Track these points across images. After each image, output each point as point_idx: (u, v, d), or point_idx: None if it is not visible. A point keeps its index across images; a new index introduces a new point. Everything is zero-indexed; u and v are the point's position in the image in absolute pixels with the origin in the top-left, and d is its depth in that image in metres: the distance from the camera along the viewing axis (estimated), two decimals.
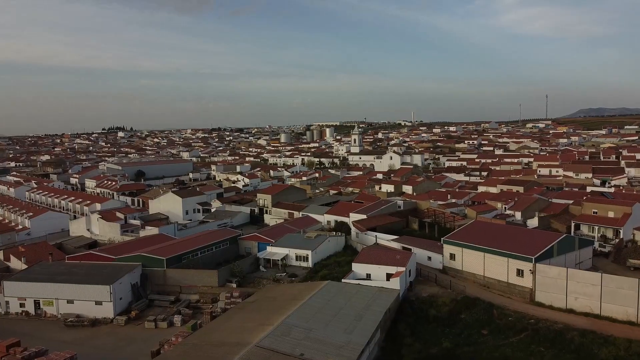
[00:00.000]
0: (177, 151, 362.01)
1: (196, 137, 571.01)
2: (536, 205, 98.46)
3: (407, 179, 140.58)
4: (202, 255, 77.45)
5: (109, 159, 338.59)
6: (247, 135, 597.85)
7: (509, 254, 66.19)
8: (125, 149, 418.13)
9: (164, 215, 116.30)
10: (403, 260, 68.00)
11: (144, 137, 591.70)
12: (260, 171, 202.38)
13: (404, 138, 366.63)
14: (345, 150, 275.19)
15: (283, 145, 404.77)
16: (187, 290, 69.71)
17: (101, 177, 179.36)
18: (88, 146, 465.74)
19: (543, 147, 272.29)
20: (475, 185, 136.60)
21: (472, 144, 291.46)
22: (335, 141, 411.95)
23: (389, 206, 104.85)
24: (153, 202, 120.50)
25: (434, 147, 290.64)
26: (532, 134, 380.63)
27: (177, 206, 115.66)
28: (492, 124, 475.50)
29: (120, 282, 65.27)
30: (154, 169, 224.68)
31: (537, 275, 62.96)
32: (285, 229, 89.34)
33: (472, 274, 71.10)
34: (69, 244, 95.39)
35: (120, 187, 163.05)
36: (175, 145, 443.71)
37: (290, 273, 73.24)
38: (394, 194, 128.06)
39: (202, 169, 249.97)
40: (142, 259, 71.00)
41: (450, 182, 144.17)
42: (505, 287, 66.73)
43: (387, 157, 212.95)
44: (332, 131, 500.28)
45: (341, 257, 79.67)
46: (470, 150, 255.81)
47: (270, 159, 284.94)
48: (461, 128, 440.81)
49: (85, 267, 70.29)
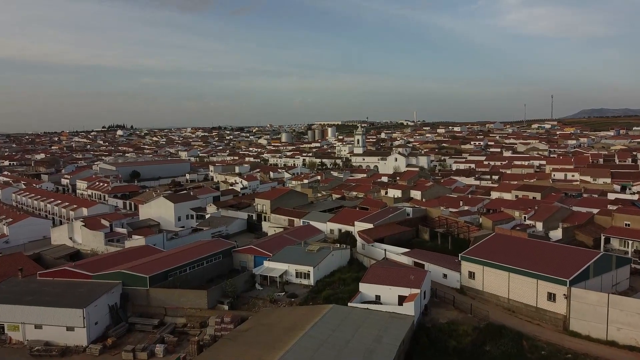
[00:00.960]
0: (176, 150, 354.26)
1: (196, 136, 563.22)
2: (558, 215, 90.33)
3: (415, 183, 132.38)
4: (191, 270, 69.46)
5: (105, 158, 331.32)
6: (247, 134, 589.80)
7: (538, 275, 58.15)
8: (123, 148, 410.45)
9: (155, 222, 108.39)
10: (417, 281, 59.95)
11: (143, 135, 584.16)
12: (260, 172, 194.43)
13: (407, 138, 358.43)
14: (347, 151, 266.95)
15: (284, 144, 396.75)
16: (173, 313, 61.70)
17: (93, 178, 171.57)
18: (86, 145, 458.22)
19: (552, 148, 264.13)
20: (488, 190, 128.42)
21: (478, 145, 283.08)
22: (337, 141, 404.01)
23: (397, 214, 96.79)
24: (143, 207, 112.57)
25: (439, 148, 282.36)
26: (538, 134, 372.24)
27: (169, 212, 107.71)
28: (497, 124, 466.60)
29: (95, 304, 57.28)
30: (150, 170, 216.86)
31: (573, 301, 54.93)
32: (285, 240, 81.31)
33: (494, 296, 63.07)
34: (49, 254, 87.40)
35: (112, 189, 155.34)
36: (174, 145, 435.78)
37: (289, 292, 65.25)
38: (401, 199, 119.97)
39: (200, 169, 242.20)
40: (122, 277, 63.01)
41: (460, 186, 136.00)
42: (533, 313, 58.70)
43: (391, 159, 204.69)
44: (333, 131, 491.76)
45: (346, 273, 71.67)
46: (477, 151, 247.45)
47: (270, 159, 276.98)
48: (466, 128, 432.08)
49: (59, 286, 62.32)
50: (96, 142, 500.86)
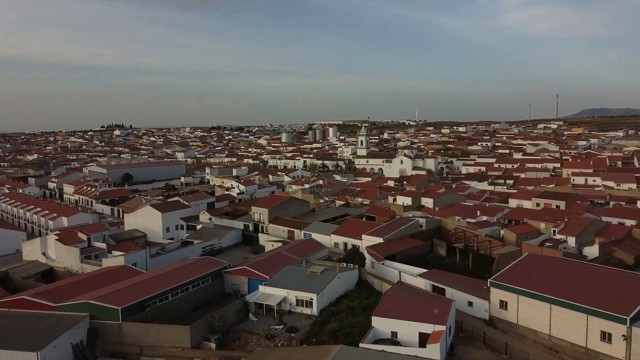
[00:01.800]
0: (173, 151, 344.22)
1: (194, 136, 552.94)
2: (591, 228, 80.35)
3: (426, 189, 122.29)
4: (174, 298, 59.56)
5: (100, 159, 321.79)
6: (247, 134, 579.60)
7: (588, 310, 48.22)
8: (119, 148, 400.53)
9: (141, 233, 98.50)
10: (442, 315, 50.04)
11: (140, 135, 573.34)
12: (259, 175, 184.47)
13: (411, 139, 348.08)
14: (350, 152, 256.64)
15: (284, 145, 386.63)
16: (150, 352, 51.81)
17: (81, 182, 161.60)
18: (81, 145, 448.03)
19: (562, 150, 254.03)
20: (504, 197, 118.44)
21: (485, 146, 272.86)
22: (339, 141, 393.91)
23: (410, 226, 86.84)
24: (129, 217, 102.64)
25: (444, 149, 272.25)
26: (546, 135, 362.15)
27: (157, 222, 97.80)
28: (503, 125, 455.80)
29: (54, 344, 47.43)
30: (143, 172, 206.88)
31: (634, 344, 45.03)
32: (283, 259, 71.37)
33: (532, 331, 53.12)
34: (18, 272, 77.61)
35: (100, 194, 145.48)
36: (172, 145, 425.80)
37: (288, 326, 55.35)
38: (411, 207, 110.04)
39: (196, 171, 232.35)
40: (90, 308, 53.10)
41: (474, 192, 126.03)
42: (583, 355, 48.74)
43: (397, 161, 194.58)
44: (335, 131, 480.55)
45: (355, 299, 61.93)
46: (485, 153, 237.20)
47: (270, 160, 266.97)
48: (470, 128, 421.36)
49: (14, 320, 52.41)
50: (92, 142, 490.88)
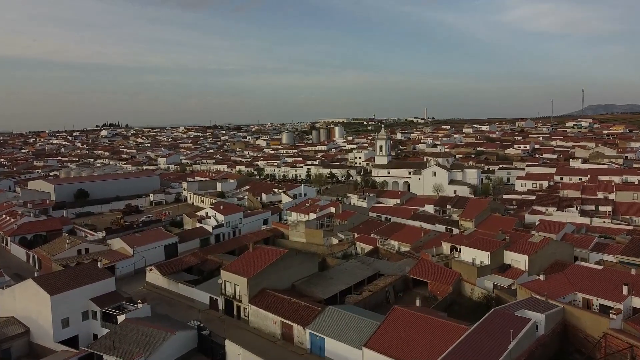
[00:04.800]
0: (157, 155, 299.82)
1: (187, 137, 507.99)
2: None
3: (505, 234, 77.45)
4: None
5: (71, 164, 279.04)
6: (244, 134, 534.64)
7: None
8: (99, 152, 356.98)
9: (20, 327, 55.06)
10: None
11: (128, 136, 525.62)
12: (248, 194, 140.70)
13: (431, 139, 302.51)
14: (364, 158, 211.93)
15: (284, 147, 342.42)
16: None
17: (3, 207, 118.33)
18: (60, 148, 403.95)
19: (620, 154, 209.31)
20: (611, 233, 74.18)
21: (525, 150, 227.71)
22: (346, 142, 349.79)
23: (523, 337, 42.98)
24: (4, 296, 58.92)
25: (476, 153, 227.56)
26: (584, 135, 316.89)
27: (44, 311, 54.21)
28: (529, 123, 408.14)
29: None
30: (105, 187, 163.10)
31: None
32: None
33: None
34: None
35: (19, 227, 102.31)
36: (159, 147, 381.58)
37: None
38: (489, 267, 66.12)
39: (175, 183, 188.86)
40: None
41: (569, 232, 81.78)
42: None
43: (428, 173, 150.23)
44: (341, 130, 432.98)
45: None
46: (531, 160, 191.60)
47: (266, 168, 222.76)
48: (495, 127, 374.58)
49: None
50: (74, 143, 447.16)
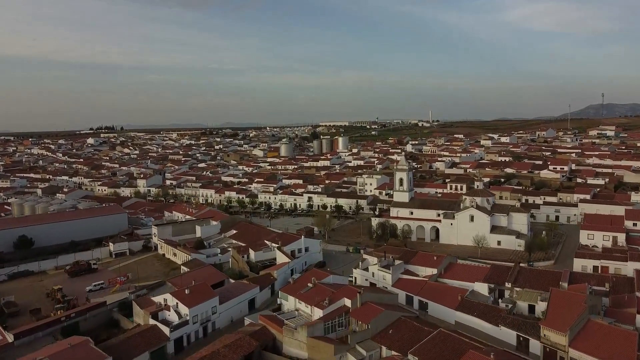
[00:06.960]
0: (138, 173, 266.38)
1: (179, 145, 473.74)
2: None
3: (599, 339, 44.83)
4: None
5: (41, 185, 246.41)
6: (240, 141, 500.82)
7: None
8: (78, 166, 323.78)
9: None
10: None
11: (114, 145, 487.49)
12: (232, 251, 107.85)
13: (448, 155, 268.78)
14: (376, 185, 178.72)
15: (282, 161, 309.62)
16: None
17: None
18: (39, 159, 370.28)
19: None
20: None
21: (563, 173, 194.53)
22: (351, 155, 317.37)
23: None
24: None
25: (506, 176, 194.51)
26: (615, 146, 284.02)
27: None
28: (550, 132, 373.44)
29: None
30: (55, 230, 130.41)
31: None
32: None
33: None
34: None
35: None
36: (147, 158, 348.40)
37: None
38: None
39: (148, 219, 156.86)
40: None
41: None
42: None
43: (464, 218, 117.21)
44: (345, 142, 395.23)
45: None
46: (581, 189, 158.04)
47: (260, 195, 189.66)
48: (515, 138, 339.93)
49: None
50: (56, 153, 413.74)
